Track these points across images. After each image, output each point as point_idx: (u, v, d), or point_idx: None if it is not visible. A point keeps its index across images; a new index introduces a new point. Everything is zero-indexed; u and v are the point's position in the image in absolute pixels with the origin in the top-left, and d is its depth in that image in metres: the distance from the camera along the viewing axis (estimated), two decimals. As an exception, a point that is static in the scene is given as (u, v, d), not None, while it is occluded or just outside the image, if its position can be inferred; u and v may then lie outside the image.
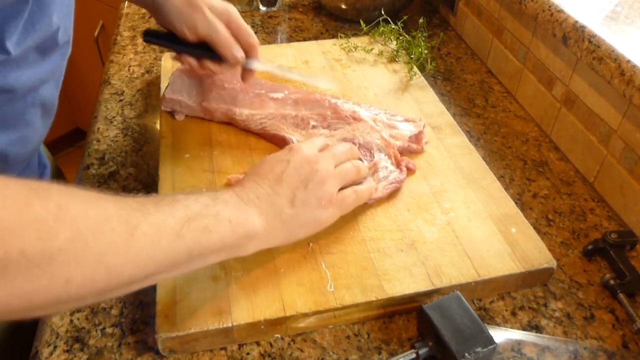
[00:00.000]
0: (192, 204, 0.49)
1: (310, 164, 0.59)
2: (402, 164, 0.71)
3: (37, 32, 0.55)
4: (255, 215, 0.54)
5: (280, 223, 0.56)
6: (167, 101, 0.81)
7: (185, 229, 0.47)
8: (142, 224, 0.45)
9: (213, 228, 0.49)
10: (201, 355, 0.56)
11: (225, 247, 0.51)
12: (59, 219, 0.39)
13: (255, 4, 1.20)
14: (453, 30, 1.16)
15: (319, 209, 0.59)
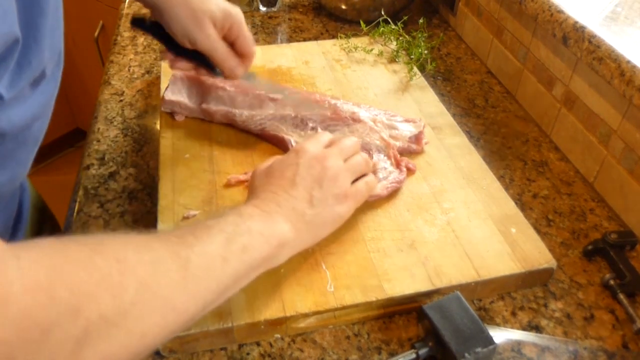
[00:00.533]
0: (225, 226, 0.50)
1: (320, 162, 0.60)
2: (402, 164, 0.71)
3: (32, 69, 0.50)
4: (282, 223, 0.54)
5: (305, 225, 0.56)
6: (167, 103, 0.81)
7: (229, 252, 0.48)
8: (191, 256, 0.45)
9: (250, 245, 0.50)
10: (201, 355, 0.56)
11: (263, 261, 0.52)
12: (123, 273, 0.38)
13: (255, 4, 1.20)
14: (453, 30, 1.16)
15: (337, 204, 0.59)
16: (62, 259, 0.36)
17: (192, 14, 0.68)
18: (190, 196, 0.68)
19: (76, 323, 0.34)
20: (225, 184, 0.70)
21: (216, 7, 0.69)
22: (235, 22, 0.70)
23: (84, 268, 0.36)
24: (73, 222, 0.70)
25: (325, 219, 0.59)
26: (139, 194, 0.74)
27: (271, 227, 0.53)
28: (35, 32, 0.48)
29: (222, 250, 0.47)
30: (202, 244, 0.46)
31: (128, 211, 0.72)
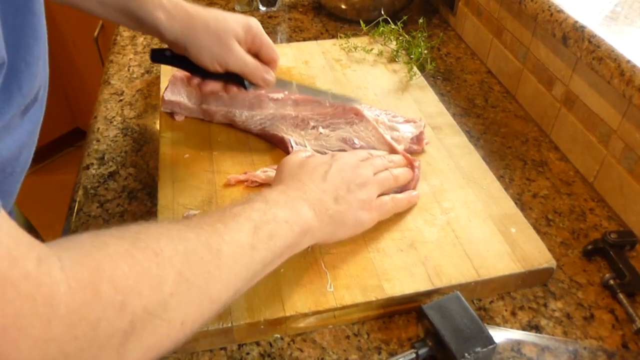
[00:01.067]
0: (252, 213, 0.51)
1: (352, 168, 0.62)
2: (415, 165, 0.71)
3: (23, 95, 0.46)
4: (307, 209, 0.55)
5: (327, 218, 0.58)
6: (167, 103, 0.81)
7: (257, 240, 0.49)
8: (222, 245, 0.46)
9: (276, 232, 0.51)
10: (201, 355, 0.56)
11: (287, 248, 0.53)
12: (160, 265, 0.40)
13: (255, 4, 1.20)
14: (453, 30, 1.16)
15: (361, 210, 0.61)
16: (102, 256, 0.37)
17: (218, 39, 0.68)
18: (190, 196, 0.68)
19: (122, 317, 0.36)
20: (225, 184, 0.70)
21: (236, 24, 0.69)
22: (256, 33, 0.71)
23: (124, 263, 0.37)
24: (73, 222, 0.70)
25: (347, 219, 0.60)
26: (138, 194, 0.74)
27: (295, 214, 0.54)
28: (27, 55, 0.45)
29: (251, 239, 0.48)
30: (231, 232, 0.48)
31: (128, 211, 0.72)
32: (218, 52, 0.68)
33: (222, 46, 0.68)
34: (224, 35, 0.68)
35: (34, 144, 0.57)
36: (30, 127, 0.52)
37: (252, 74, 0.71)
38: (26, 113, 0.50)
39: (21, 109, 0.47)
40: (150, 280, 0.38)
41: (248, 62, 0.70)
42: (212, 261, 0.44)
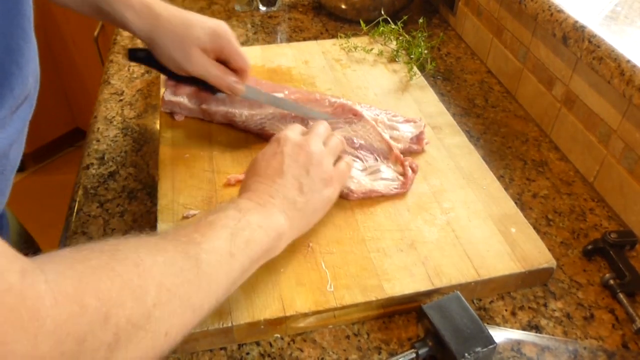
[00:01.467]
0: (227, 221, 0.51)
1: (303, 148, 0.61)
2: (406, 165, 0.71)
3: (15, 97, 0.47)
4: (278, 214, 0.55)
5: (298, 213, 0.58)
6: (167, 103, 0.81)
7: (234, 247, 0.49)
8: (200, 254, 0.46)
9: (252, 238, 0.51)
10: (201, 355, 0.56)
11: (264, 252, 0.53)
12: (141, 275, 0.39)
13: (255, 4, 1.20)
14: (453, 30, 1.16)
15: (325, 188, 0.61)
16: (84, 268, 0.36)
17: (180, 44, 0.68)
18: (190, 196, 0.68)
19: (107, 329, 0.35)
20: (225, 184, 0.70)
21: (202, 31, 0.68)
22: (224, 42, 0.70)
23: (106, 275, 0.37)
24: (73, 222, 0.70)
25: (316, 205, 0.60)
26: (138, 194, 0.74)
27: (268, 220, 0.54)
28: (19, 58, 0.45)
29: (229, 246, 0.48)
30: (208, 241, 0.47)
31: (128, 211, 0.72)
32: (179, 57, 0.68)
33: (183, 52, 0.68)
34: (186, 41, 0.68)
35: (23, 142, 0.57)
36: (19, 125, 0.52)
37: (217, 83, 0.71)
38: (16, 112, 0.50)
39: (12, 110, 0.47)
40: (132, 292, 0.38)
41: (210, 70, 0.69)
42: (191, 270, 0.44)
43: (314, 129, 0.65)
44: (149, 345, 0.39)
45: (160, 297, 0.40)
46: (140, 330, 0.38)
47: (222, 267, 0.47)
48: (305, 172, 0.59)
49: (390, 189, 0.69)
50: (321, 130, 0.66)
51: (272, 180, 0.58)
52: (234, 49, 0.71)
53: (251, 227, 0.52)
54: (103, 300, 0.35)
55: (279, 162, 0.59)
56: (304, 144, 0.61)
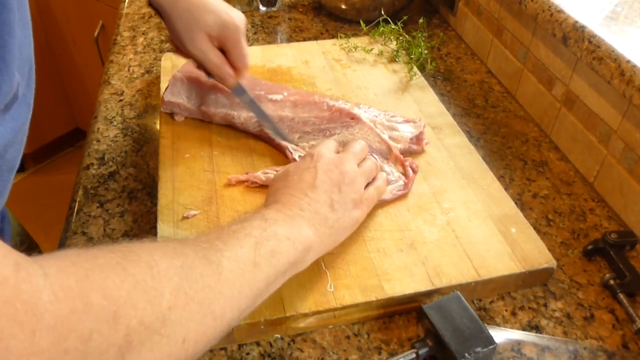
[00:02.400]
0: (251, 230, 0.49)
1: (337, 166, 0.60)
2: (406, 165, 0.71)
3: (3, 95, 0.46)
4: (306, 227, 0.54)
5: (328, 229, 0.56)
6: (166, 104, 0.81)
7: (258, 257, 0.47)
8: (222, 261, 0.44)
9: (278, 249, 0.49)
10: (201, 355, 0.56)
11: (291, 266, 0.51)
12: (156, 277, 0.38)
13: (255, 4, 1.20)
14: (453, 30, 1.16)
15: (355, 209, 0.60)
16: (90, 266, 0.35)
17: (187, 25, 0.69)
18: (190, 196, 0.68)
19: (116, 330, 0.34)
20: (225, 184, 0.70)
21: (214, 19, 0.69)
22: (230, 35, 0.70)
23: (116, 274, 0.35)
24: (73, 222, 0.70)
25: (346, 224, 0.59)
26: (138, 194, 0.74)
27: (296, 232, 0.52)
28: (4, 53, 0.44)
29: (252, 255, 0.47)
30: (231, 248, 0.46)
31: (128, 211, 0.72)
32: (184, 36, 0.70)
33: (188, 34, 0.69)
34: (195, 22, 0.69)
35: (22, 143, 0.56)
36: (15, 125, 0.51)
37: (211, 69, 0.72)
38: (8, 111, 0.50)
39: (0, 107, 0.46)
40: (145, 293, 0.36)
41: (208, 55, 0.70)
42: (212, 276, 0.42)
43: (350, 148, 0.65)
44: (164, 351, 0.37)
45: (176, 301, 0.38)
46: (155, 334, 0.36)
47: (245, 275, 0.45)
48: (338, 190, 0.58)
49: (393, 194, 0.69)
50: (357, 150, 0.65)
51: (304, 194, 0.57)
52: (238, 46, 0.71)
53: (277, 237, 0.50)
54: (111, 299, 0.34)
55: (312, 177, 0.58)
56: (338, 162, 0.61)
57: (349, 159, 0.62)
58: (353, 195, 0.60)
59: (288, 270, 0.51)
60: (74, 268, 0.34)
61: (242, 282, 0.45)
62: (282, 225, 0.52)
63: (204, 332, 0.41)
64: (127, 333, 0.34)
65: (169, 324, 0.37)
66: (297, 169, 0.60)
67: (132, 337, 0.34)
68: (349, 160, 0.62)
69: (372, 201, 0.64)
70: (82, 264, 0.35)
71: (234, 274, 0.44)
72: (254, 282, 0.46)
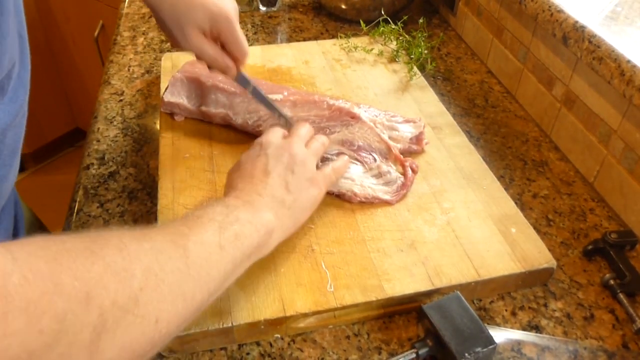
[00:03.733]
0: (214, 215, 0.50)
1: (286, 149, 0.61)
2: (406, 165, 0.71)
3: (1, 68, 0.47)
4: (266, 211, 0.55)
5: (286, 211, 0.57)
6: (166, 104, 0.81)
7: (223, 240, 0.48)
8: (188, 245, 0.45)
9: (241, 233, 0.51)
10: (201, 355, 0.56)
11: (255, 249, 0.52)
12: (126, 259, 0.38)
13: (255, 4, 1.20)
14: (453, 30, 1.16)
15: (310, 187, 0.61)
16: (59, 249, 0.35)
17: (177, 23, 0.68)
18: (190, 196, 0.68)
19: (90, 310, 0.34)
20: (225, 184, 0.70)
21: (203, 13, 0.68)
22: (223, 27, 0.69)
23: (85, 257, 0.36)
24: (73, 222, 0.70)
25: (304, 203, 0.60)
26: (139, 194, 0.74)
27: (257, 216, 0.54)
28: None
29: (218, 238, 0.48)
30: (196, 233, 0.47)
31: (128, 211, 0.72)
32: (175, 34, 0.69)
33: (179, 31, 0.69)
34: (183, 21, 0.68)
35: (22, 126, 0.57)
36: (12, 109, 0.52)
37: (209, 62, 0.71)
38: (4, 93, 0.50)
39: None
40: (116, 274, 0.37)
41: (204, 49, 0.70)
42: (180, 259, 0.43)
43: (295, 132, 0.66)
44: (138, 330, 0.38)
45: (147, 282, 0.39)
46: (129, 314, 0.37)
47: (211, 258, 0.47)
48: (290, 172, 0.60)
49: (392, 195, 0.69)
50: (302, 133, 0.66)
51: (259, 180, 0.58)
52: (234, 36, 0.70)
53: (240, 222, 0.51)
54: (82, 280, 0.34)
55: (263, 163, 0.60)
56: (286, 146, 0.62)
57: (296, 141, 0.63)
58: (307, 174, 0.61)
59: (253, 254, 0.52)
60: (43, 251, 0.34)
61: (209, 265, 0.46)
62: (242, 210, 0.53)
63: (175, 312, 0.42)
64: (101, 313, 0.35)
65: (142, 304, 0.38)
66: (248, 157, 0.62)
67: (106, 317, 0.35)
68: (296, 143, 0.63)
69: (329, 179, 0.65)
70: (51, 247, 0.35)
71: (201, 257, 0.46)
72: (221, 264, 0.48)
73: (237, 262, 0.50)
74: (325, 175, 0.64)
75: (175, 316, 0.42)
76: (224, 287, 0.49)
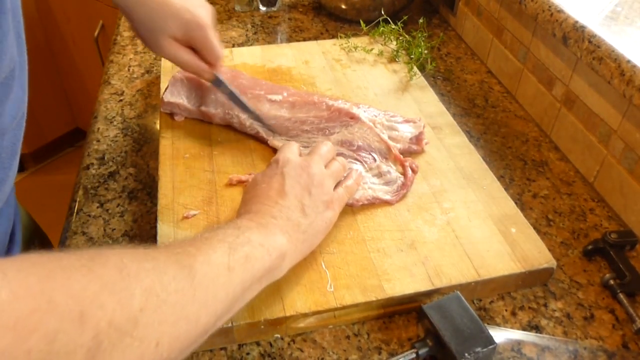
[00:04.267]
0: (224, 237, 0.49)
1: (304, 169, 0.60)
2: (406, 165, 0.71)
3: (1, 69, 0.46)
4: (280, 234, 0.53)
5: (301, 235, 0.56)
6: (166, 104, 0.81)
7: (233, 261, 0.46)
8: (195, 265, 0.43)
9: (252, 255, 0.49)
10: (201, 355, 0.56)
11: (266, 272, 0.50)
12: (125, 279, 0.37)
13: (255, 4, 1.20)
14: (453, 30, 1.16)
15: (326, 210, 0.60)
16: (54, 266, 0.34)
17: (150, 32, 0.69)
18: (190, 196, 0.68)
19: (84, 331, 0.33)
20: (226, 184, 0.70)
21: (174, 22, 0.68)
22: (195, 35, 0.69)
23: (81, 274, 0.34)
24: (73, 222, 0.70)
25: (319, 227, 0.59)
26: (139, 194, 0.74)
27: (270, 239, 0.52)
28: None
29: (226, 259, 0.46)
30: (204, 253, 0.45)
31: (128, 211, 0.72)
32: (148, 43, 0.70)
33: (152, 40, 0.69)
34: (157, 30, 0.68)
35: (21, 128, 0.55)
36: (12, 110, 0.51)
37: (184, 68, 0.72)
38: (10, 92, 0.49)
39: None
40: (113, 294, 0.35)
41: (178, 56, 0.71)
42: (185, 280, 0.41)
43: (316, 150, 0.64)
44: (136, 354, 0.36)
45: (148, 303, 0.37)
46: (126, 337, 0.35)
47: (219, 280, 0.45)
48: (308, 193, 0.58)
49: (392, 195, 0.69)
50: (323, 152, 0.64)
51: (274, 202, 0.56)
52: (206, 43, 0.70)
53: (251, 244, 0.50)
54: (77, 298, 0.33)
55: (280, 184, 0.58)
56: (305, 165, 0.60)
57: (316, 161, 0.62)
58: (324, 197, 0.59)
59: (264, 277, 0.50)
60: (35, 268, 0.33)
61: (216, 287, 0.44)
62: (255, 232, 0.52)
63: (177, 336, 0.40)
64: (96, 334, 0.33)
65: (141, 326, 0.36)
66: (264, 176, 0.60)
67: (102, 339, 0.33)
68: (316, 163, 0.61)
69: (342, 201, 0.63)
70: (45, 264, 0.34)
71: (208, 278, 0.44)
72: (229, 286, 0.46)
73: (246, 285, 0.48)
74: (339, 196, 0.63)
75: (177, 340, 0.40)
76: (233, 310, 0.47)
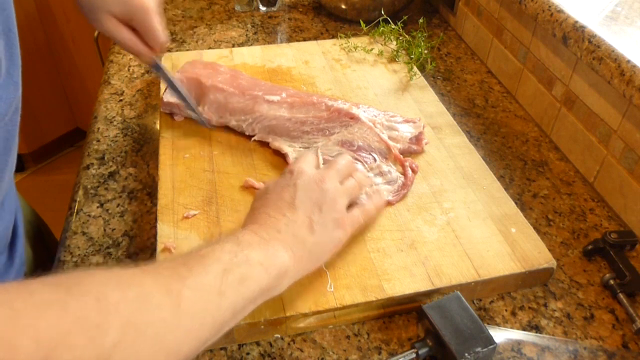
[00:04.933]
0: (222, 255, 0.47)
1: (318, 184, 0.57)
2: (406, 165, 0.71)
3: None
4: (282, 251, 0.51)
5: (306, 253, 0.54)
6: (165, 104, 0.81)
7: (225, 285, 0.45)
8: (183, 290, 0.41)
9: (248, 276, 0.47)
10: (201, 355, 0.56)
11: (262, 292, 0.48)
12: (102, 312, 0.35)
13: (255, 4, 1.20)
14: (453, 30, 1.16)
15: (336, 229, 0.57)
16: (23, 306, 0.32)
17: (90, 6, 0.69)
18: (190, 196, 0.68)
19: None
20: (241, 186, 0.70)
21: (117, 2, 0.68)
22: (138, 17, 0.69)
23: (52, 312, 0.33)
24: (73, 222, 0.70)
25: (326, 246, 0.56)
26: (138, 194, 0.74)
27: (270, 257, 0.50)
28: None
29: (218, 283, 0.44)
30: (195, 276, 0.43)
31: (128, 211, 0.72)
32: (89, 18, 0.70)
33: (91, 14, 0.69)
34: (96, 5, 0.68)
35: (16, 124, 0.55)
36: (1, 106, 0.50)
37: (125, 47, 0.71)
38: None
39: None
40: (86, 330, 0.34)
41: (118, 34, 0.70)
42: (169, 308, 0.40)
43: (333, 165, 0.62)
44: None
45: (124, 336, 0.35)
46: None
47: (207, 305, 0.43)
48: (318, 210, 0.55)
49: (392, 195, 0.69)
50: (340, 167, 0.62)
51: (282, 214, 0.54)
52: (147, 25, 0.70)
53: (249, 263, 0.48)
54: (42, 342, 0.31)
55: (291, 196, 0.56)
56: (319, 179, 0.58)
57: (331, 176, 0.59)
58: (335, 215, 0.57)
59: (259, 297, 0.49)
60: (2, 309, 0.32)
61: (203, 313, 0.43)
62: (256, 249, 0.50)
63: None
64: None
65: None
66: (276, 186, 0.58)
67: None
68: (331, 178, 0.59)
69: (356, 222, 0.60)
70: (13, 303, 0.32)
71: (196, 304, 0.42)
72: (217, 311, 0.44)
73: (237, 309, 0.46)
74: (353, 217, 0.60)
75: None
76: (221, 333, 0.45)
